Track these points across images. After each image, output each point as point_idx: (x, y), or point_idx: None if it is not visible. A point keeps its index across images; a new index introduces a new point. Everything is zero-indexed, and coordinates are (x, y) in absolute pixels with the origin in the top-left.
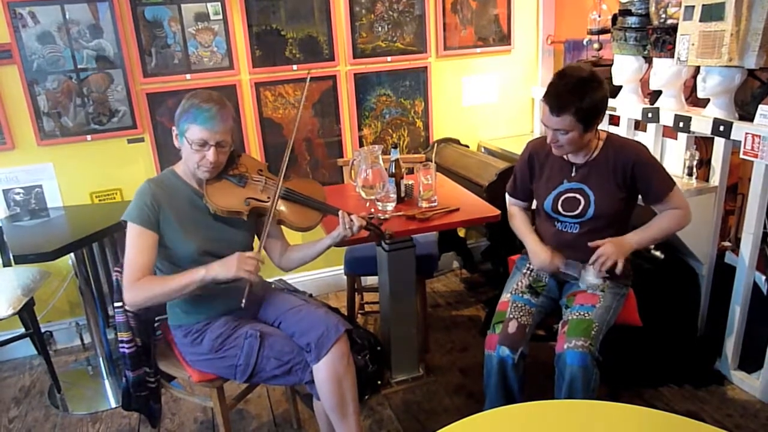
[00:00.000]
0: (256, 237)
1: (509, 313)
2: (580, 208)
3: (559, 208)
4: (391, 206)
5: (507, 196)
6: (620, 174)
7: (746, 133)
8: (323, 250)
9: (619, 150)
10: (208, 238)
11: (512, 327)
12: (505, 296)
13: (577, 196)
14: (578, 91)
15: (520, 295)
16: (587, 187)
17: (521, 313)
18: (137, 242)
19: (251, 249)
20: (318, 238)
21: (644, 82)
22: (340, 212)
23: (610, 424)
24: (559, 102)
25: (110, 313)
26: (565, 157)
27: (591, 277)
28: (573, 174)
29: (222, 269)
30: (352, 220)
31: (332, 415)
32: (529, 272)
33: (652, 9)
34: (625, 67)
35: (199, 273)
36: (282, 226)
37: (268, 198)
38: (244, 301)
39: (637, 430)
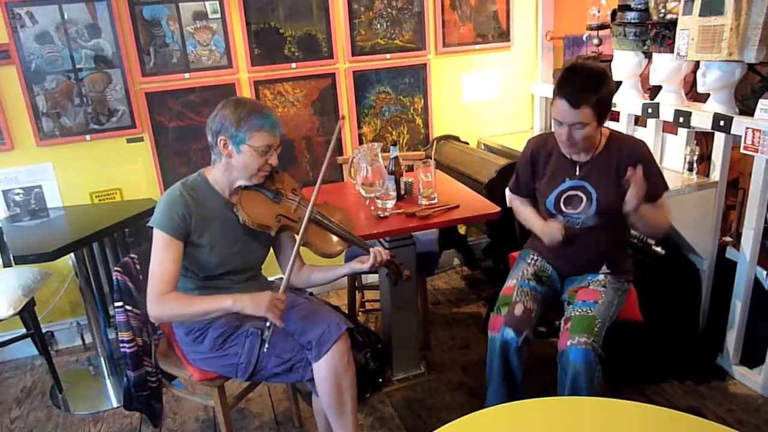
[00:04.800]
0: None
1: (515, 297)
2: (582, 205)
3: (562, 206)
4: (390, 204)
5: (508, 192)
6: (623, 171)
7: (746, 128)
8: (339, 277)
9: (622, 147)
10: (231, 253)
11: (518, 310)
12: (511, 282)
13: (579, 193)
14: (594, 83)
15: (526, 281)
16: (589, 184)
17: (527, 298)
18: (165, 252)
19: (263, 262)
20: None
21: (644, 78)
22: (374, 249)
23: (613, 420)
24: (578, 94)
25: (111, 312)
26: (567, 155)
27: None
28: (576, 172)
29: (252, 306)
30: (383, 256)
31: (330, 413)
32: (533, 261)
33: (652, 4)
34: (624, 63)
35: (225, 302)
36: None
37: (299, 218)
38: (267, 345)
39: (640, 426)
